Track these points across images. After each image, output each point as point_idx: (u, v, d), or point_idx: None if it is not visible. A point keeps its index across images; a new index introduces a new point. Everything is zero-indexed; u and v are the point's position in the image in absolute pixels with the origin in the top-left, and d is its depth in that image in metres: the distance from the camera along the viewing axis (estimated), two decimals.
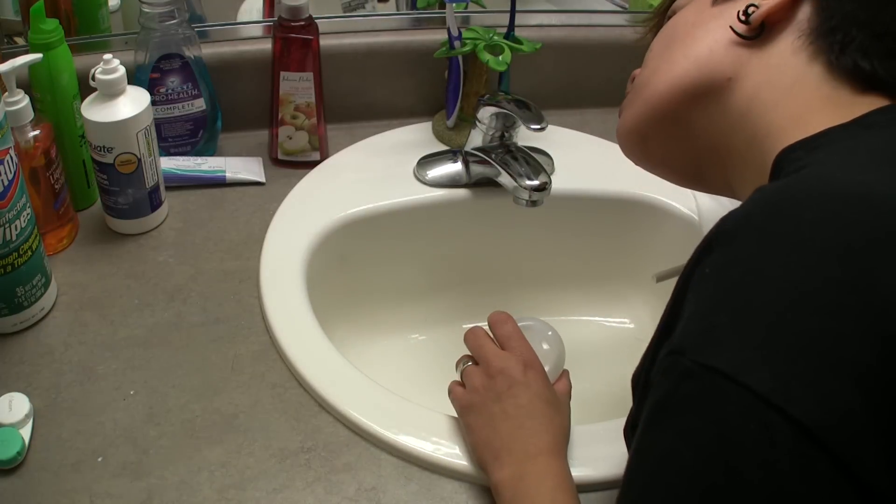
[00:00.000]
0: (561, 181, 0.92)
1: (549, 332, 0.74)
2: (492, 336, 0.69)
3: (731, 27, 0.53)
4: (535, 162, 0.88)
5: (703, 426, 0.37)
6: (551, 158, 0.97)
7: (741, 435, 0.36)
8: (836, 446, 0.35)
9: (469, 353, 0.69)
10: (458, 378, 0.69)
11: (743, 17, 0.52)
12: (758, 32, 0.52)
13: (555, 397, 0.64)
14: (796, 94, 0.49)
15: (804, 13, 0.50)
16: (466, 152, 0.93)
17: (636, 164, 0.64)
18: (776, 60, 0.51)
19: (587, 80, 1.11)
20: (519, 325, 0.70)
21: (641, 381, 0.46)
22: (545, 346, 0.72)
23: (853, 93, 0.48)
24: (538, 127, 0.82)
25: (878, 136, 0.44)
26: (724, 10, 0.54)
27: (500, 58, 0.93)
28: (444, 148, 0.98)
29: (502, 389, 0.63)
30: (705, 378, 0.38)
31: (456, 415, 0.68)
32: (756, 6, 0.51)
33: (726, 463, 0.36)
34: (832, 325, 0.36)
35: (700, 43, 0.55)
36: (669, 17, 0.61)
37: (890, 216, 0.38)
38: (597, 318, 1.00)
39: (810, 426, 0.35)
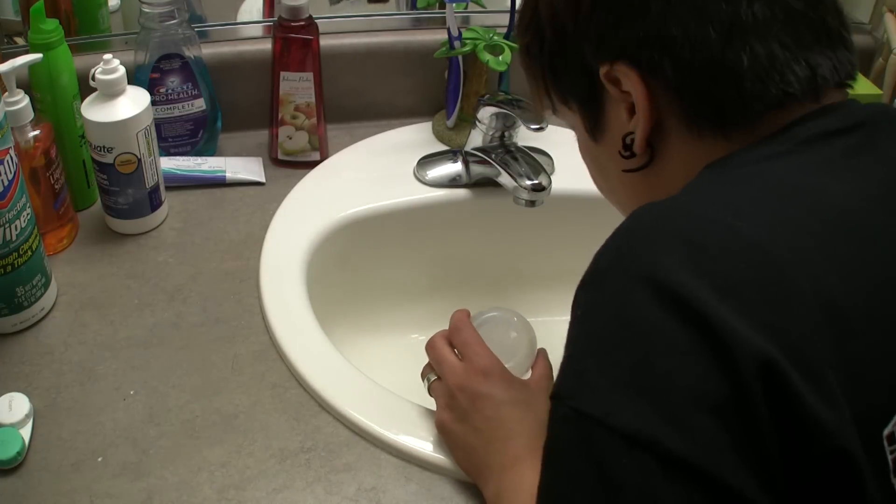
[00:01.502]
0: (561, 181, 0.92)
1: (515, 319, 0.73)
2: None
3: (624, 171, 0.55)
4: (535, 162, 0.88)
5: (586, 468, 0.40)
6: (551, 158, 0.97)
7: (619, 473, 0.39)
8: (706, 469, 0.38)
9: None
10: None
11: (626, 153, 0.54)
12: (650, 154, 0.54)
13: (523, 394, 0.62)
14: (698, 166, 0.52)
15: (666, 105, 0.51)
16: (466, 152, 0.93)
17: None
18: (677, 158, 0.53)
19: None
20: (482, 318, 0.70)
21: None
22: (513, 335, 0.71)
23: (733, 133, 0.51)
24: (538, 127, 0.82)
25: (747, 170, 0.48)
26: (603, 146, 0.57)
27: (500, 58, 0.93)
28: (444, 148, 0.98)
29: (467, 406, 0.61)
30: (580, 423, 0.41)
31: None
32: (631, 133, 0.53)
33: (610, 501, 0.39)
34: (687, 363, 0.39)
35: (624, 196, 0.60)
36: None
37: (740, 257, 0.41)
38: None
39: (679, 457, 0.38)
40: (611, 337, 0.42)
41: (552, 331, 0.77)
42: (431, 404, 0.70)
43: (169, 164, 0.91)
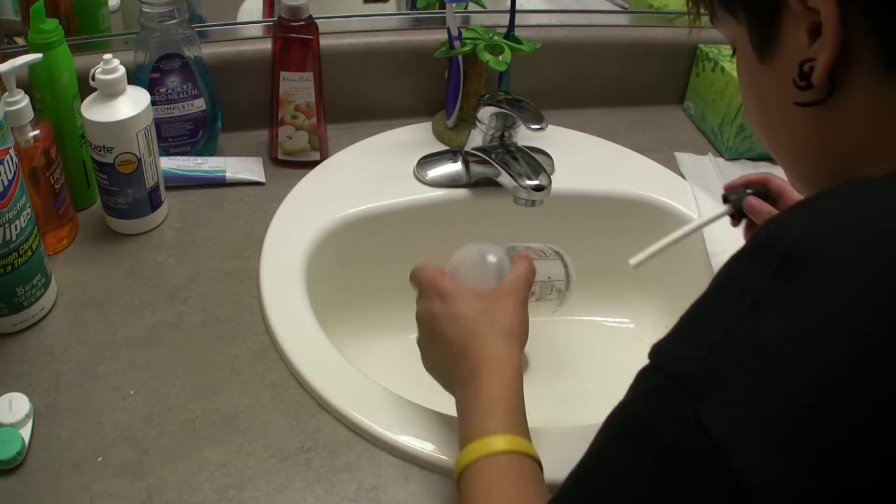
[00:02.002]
0: (561, 181, 0.92)
1: (488, 246, 0.70)
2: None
3: (796, 104, 0.46)
4: (535, 162, 0.88)
5: (674, 488, 0.34)
6: (551, 158, 0.97)
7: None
8: None
9: None
10: None
11: (802, 83, 0.44)
12: (829, 87, 0.44)
13: (479, 305, 0.62)
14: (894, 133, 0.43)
15: (859, 34, 0.42)
16: (466, 152, 0.93)
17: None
18: (861, 100, 0.44)
19: (587, 80, 1.11)
20: (454, 256, 0.70)
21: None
22: (490, 259, 0.69)
23: None
24: (538, 127, 0.82)
25: None
26: (772, 70, 0.47)
27: (500, 58, 0.93)
28: (444, 148, 0.98)
29: (428, 329, 0.64)
30: (693, 436, 0.33)
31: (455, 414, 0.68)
32: (811, 60, 0.43)
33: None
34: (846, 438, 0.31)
35: (784, 137, 0.50)
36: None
37: None
38: (597, 318, 1.00)
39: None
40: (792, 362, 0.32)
41: (553, 331, 0.77)
42: (431, 404, 0.70)
43: (169, 164, 0.91)
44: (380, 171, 0.95)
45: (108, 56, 0.77)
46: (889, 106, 0.42)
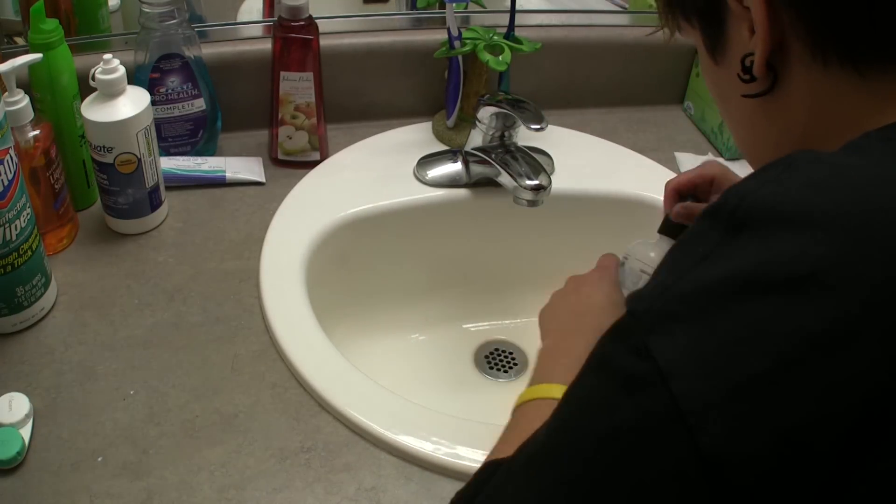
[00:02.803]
0: (561, 181, 0.92)
1: (652, 242, 0.75)
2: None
3: (743, 96, 0.49)
4: (535, 162, 0.88)
5: (626, 410, 0.37)
6: (551, 158, 0.97)
7: (649, 434, 0.36)
8: (730, 479, 0.34)
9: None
10: None
11: (746, 76, 0.48)
12: (771, 79, 0.48)
13: (616, 306, 0.68)
14: (838, 110, 0.46)
15: (789, 26, 0.45)
16: (466, 152, 0.93)
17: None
18: (801, 88, 0.47)
19: (587, 80, 1.11)
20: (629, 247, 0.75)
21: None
22: (651, 255, 0.74)
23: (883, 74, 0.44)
24: (538, 127, 0.82)
25: None
26: (724, 68, 0.51)
27: (500, 58, 0.93)
28: (444, 148, 0.98)
29: (570, 288, 0.73)
30: (642, 363, 0.37)
31: (455, 414, 0.68)
32: (751, 55, 0.47)
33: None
34: (781, 373, 0.34)
35: (744, 132, 0.54)
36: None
37: None
38: None
39: (707, 457, 0.34)
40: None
41: None
42: (431, 404, 0.71)
43: (169, 164, 0.91)
44: (380, 171, 0.95)
45: (108, 56, 0.77)
46: (826, 91, 0.46)
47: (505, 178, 0.88)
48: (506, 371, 0.95)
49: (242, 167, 0.94)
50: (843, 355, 0.34)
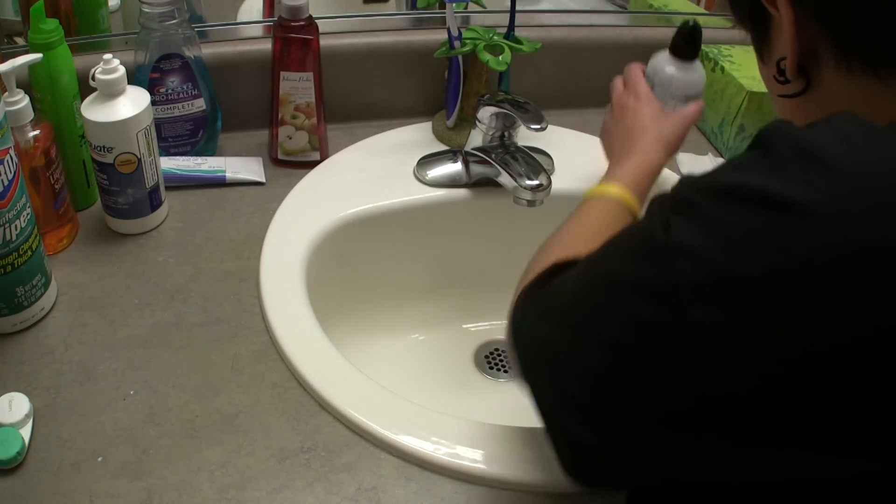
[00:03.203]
0: (561, 181, 0.92)
1: (675, 63, 0.87)
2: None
3: (780, 96, 0.54)
4: (535, 162, 0.89)
5: (646, 269, 0.45)
6: (551, 158, 0.97)
7: (650, 294, 0.44)
8: (708, 350, 0.42)
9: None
10: None
11: (780, 78, 0.53)
12: (804, 82, 0.52)
13: (657, 113, 0.83)
14: (868, 111, 0.47)
15: (817, 34, 0.49)
16: (466, 152, 0.93)
17: None
18: (832, 90, 0.51)
19: (587, 80, 1.11)
20: (651, 59, 0.89)
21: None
22: (667, 70, 0.87)
23: None
24: (538, 127, 0.82)
25: None
26: (769, 68, 0.56)
27: (500, 58, 0.93)
28: (444, 148, 0.98)
29: (618, 114, 0.85)
30: (663, 236, 0.45)
31: (455, 414, 0.68)
32: (785, 59, 0.52)
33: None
34: (764, 277, 0.41)
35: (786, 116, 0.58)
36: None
37: None
38: None
39: (692, 328, 0.42)
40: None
41: None
42: (431, 404, 0.70)
43: (169, 164, 0.91)
44: (380, 171, 0.95)
45: (108, 56, 0.77)
46: (854, 94, 0.49)
47: (505, 178, 0.88)
48: (506, 371, 0.95)
49: (242, 167, 0.94)
50: (815, 278, 0.39)
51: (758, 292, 0.40)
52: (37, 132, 0.76)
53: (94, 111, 0.78)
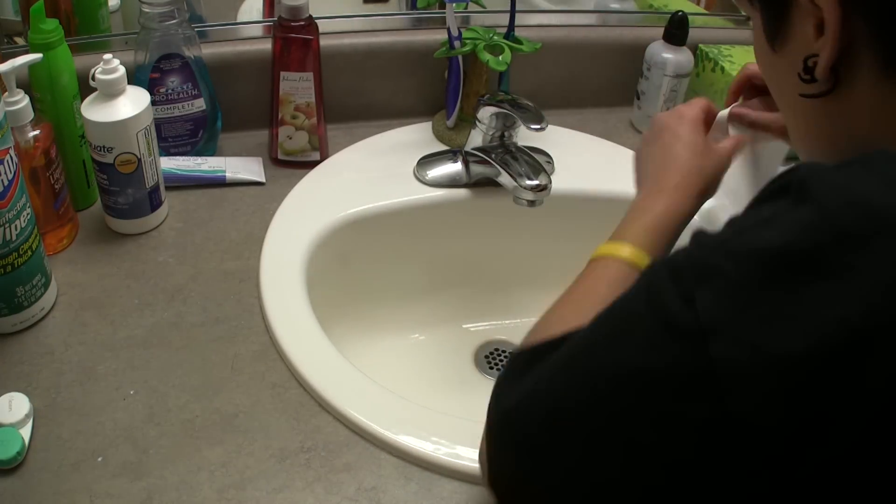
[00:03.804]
0: (561, 181, 0.92)
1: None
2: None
3: (801, 95, 0.48)
4: (535, 162, 0.89)
5: (663, 354, 0.38)
6: (551, 158, 0.97)
7: (680, 383, 0.38)
8: (751, 441, 0.36)
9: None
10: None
11: (807, 76, 0.46)
12: (833, 82, 0.46)
13: (701, 144, 0.68)
14: None
15: (861, 36, 0.44)
16: (466, 152, 0.93)
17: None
18: (865, 95, 0.45)
19: (587, 80, 1.11)
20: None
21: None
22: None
23: None
24: (538, 127, 0.82)
25: None
26: (782, 59, 0.49)
27: (500, 58, 0.93)
28: (444, 148, 0.98)
29: (655, 133, 0.70)
30: (687, 313, 0.38)
31: (455, 414, 0.68)
32: (815, 56, 0.45)
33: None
34: (818, 359, 0.35)
35: (796, 121, 0.52)
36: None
37: None
38: None
39: (734, 418, 0.36)
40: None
41: None
42: (431, 404, 0.70)
43: (169, 164, 0.91)
44: (380, 171, 0.95)
45: (108, 56, 0.77)
46: (891, 109, 0.44)
47: (505, 178, 0.88)
48: None
49: (242, 167, 0.94)
50: (880, 349, 0.34)
51: (809, 374, 0.35)
52: (37, 132, 0.76)
53: (94, 111, 0.78)
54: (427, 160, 0.95)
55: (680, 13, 1.03)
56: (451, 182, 0.93)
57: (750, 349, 0.36)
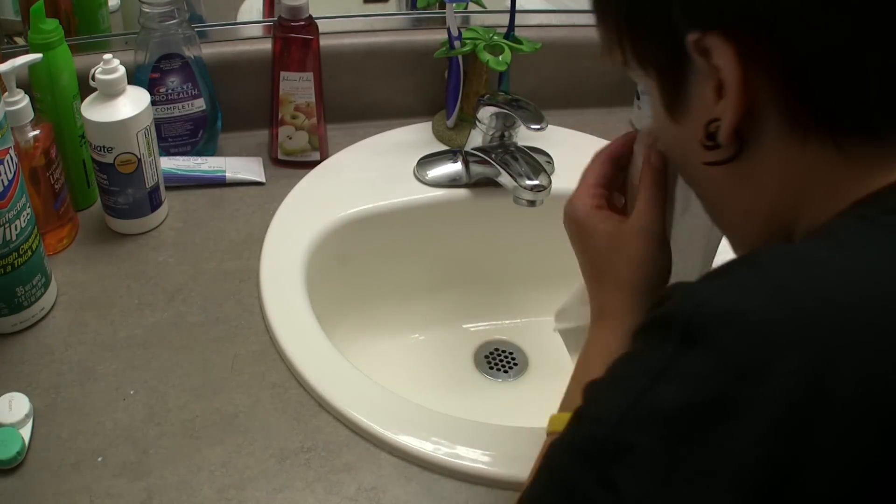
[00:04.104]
0: (561, 181, 0.92)
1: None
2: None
3: (705, 164, 0.46)
4: (535, 162, 0.89)
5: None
6: (551, 158, 0.97)
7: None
8: None
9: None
10: None
11: (709, 143, 0.44)
12: (737, 146, 0.44)
13: (613, 245, 0.58)
14: (815, 183, 0.43)
15: (765, 94, 0.42)
16: (466, 152, 0.93)
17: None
18: (772, 159, 0.44)
19: (587, 80, 1.11)
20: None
21: None
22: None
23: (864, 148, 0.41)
24: (538, 127, 0.82)
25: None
26: (683, 128, 0.47)
27: (500, 58, 0.93)
28: (444, 148, 0.98)
29: (571, 233, 0.62)
30: (611, 498, 0.36)
31: (455, 414, 0.68)
32: (716, 120, 0.43)
33: None
34: None
35: (707, 191, 0.50)
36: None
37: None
38: None
39: None
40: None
41: (550, 331, 0.77)
42: (431, 404, 0.71)
43: (169, 164, 0.91)
44: (380, 171, 0.95)
45: (108, 56, 0.77)
46: (800, 163, 0.42)
47: (505, 178, 0.88)
48: (506, 371, 0.95)
49: (242, 167, 0.94)
50: (803, 478, 0.33)
51: None
52: (37, 132, 0.76)
53: (94, 111, 0.78)
54: (427, 160, 0.95)
55: None
56: (451, 182, 0.93)
57: None
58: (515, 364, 0.96)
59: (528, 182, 0.85)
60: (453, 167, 0.94)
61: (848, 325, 0.34)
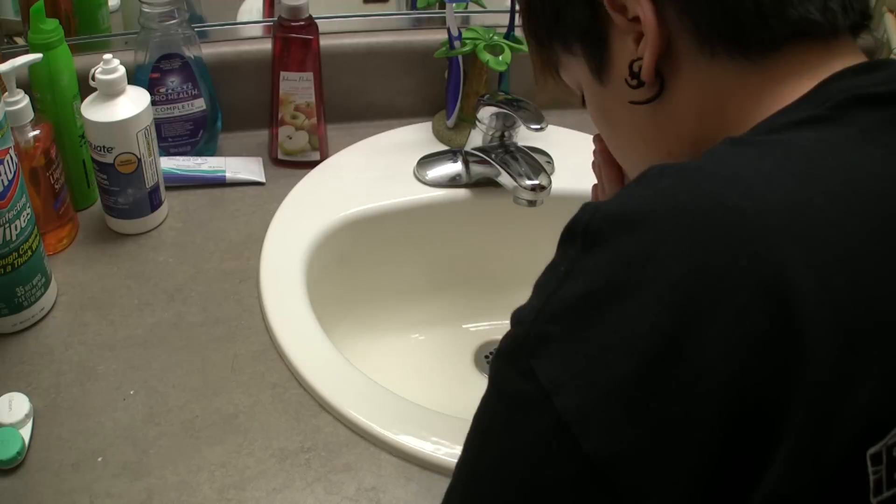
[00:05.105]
0: (561, 181, 0.92)
1: None
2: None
3: (631, 102, 0.50)
4: (534, 162, 0.89)
5: (520, 430, 0.39)
6: (551, 158, 0.97)
7: (544, 450, 0.38)
8: (618, 480, 0.36)
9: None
10: None
11: (633, 81, 0.49)
12: (659, 85, 0.48)
13: None
14: (730, 103, 0.47)
15: (674, 23, 0.46)
16: (466, 152, 0.93)
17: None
18: (690, 87, 0.48)
19: None
20: None
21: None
22: None
23: (764, 61, 0.45)
24: (538, 127, 0.82)
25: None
26: (610, 86, 0.52)
27: (500, 58, 0.93)
28: (444, 148, 0.98)
29: None
30: (529, 384, 0.39)
31: (455, 414, 0.68)
32: (639, 59, 0.48)
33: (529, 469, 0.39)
34: (643, 372, 0.36)
35: (638, 152, 0.54)
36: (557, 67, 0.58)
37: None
38: None
39: (595, 462, 0.36)
40: (586, 313, 0.38)
41: None
42: (431, 404, 0.71)
43: (169, 164, 0.91)
44: (380, 171, 0.95)
45: (108, 56, 0.77)
46: (714, 86, 0.47)
47: (505, 178, 0.88)
48: None
49: (242, 167, 0.94)
50: (690, 346, 0.35)
51: (642, 389, 0.36)
52: (37, 132, 0.76)
53: (94, 111, 0.78)
54: (427, 160, 0.95)
55: None
56: (451, 182, 0.93)
57: (586, 389, 0.37)
58: None
59: (528, 182, 0.85)
60: (453, 167, 0.94)
61: (728, 219, 0.37)
